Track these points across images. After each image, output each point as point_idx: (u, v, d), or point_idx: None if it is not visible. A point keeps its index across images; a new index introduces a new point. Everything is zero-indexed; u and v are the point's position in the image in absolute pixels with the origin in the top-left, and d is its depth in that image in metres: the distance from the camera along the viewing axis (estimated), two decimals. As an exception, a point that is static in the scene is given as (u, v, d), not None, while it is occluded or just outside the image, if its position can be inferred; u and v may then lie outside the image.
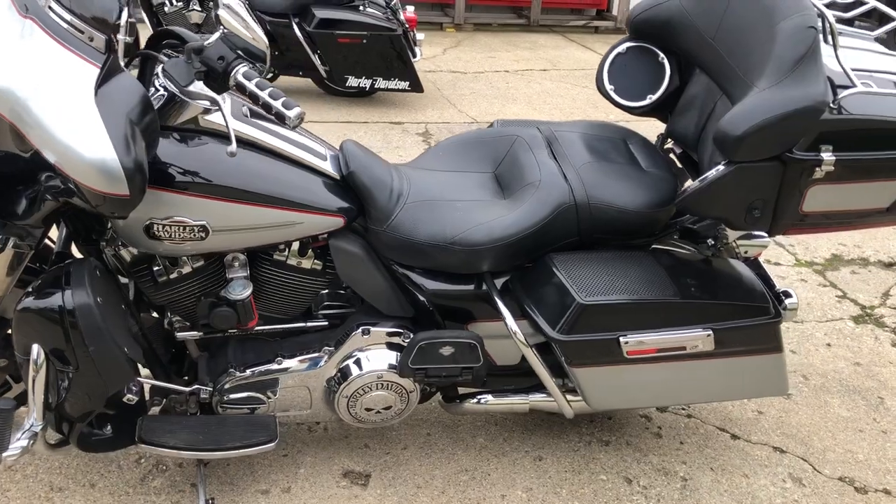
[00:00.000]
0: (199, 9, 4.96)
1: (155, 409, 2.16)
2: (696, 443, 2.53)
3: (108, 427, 2.00)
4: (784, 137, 1.85)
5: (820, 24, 1.93)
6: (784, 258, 3.81)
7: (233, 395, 2.13)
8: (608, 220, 2.08)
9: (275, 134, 1.97)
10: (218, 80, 1.74)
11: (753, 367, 2.19)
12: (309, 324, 2.19)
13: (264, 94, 1.68)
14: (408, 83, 5.32)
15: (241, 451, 2.08)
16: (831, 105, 1.88)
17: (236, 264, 2.00)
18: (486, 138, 2.32)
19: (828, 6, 2.18)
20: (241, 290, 1.98)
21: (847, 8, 2.20)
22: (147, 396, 2.10)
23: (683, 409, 2.66)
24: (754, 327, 2.08)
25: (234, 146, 1.67)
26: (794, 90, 1.84)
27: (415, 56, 5.38)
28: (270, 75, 5.22)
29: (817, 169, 1.89)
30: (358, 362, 2.13)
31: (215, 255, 2.00)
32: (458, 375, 2.14)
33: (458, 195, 2.15)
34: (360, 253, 2.06)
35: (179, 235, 1.84)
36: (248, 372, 2.12)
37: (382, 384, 2.14)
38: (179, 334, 2.09)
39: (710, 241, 2.23)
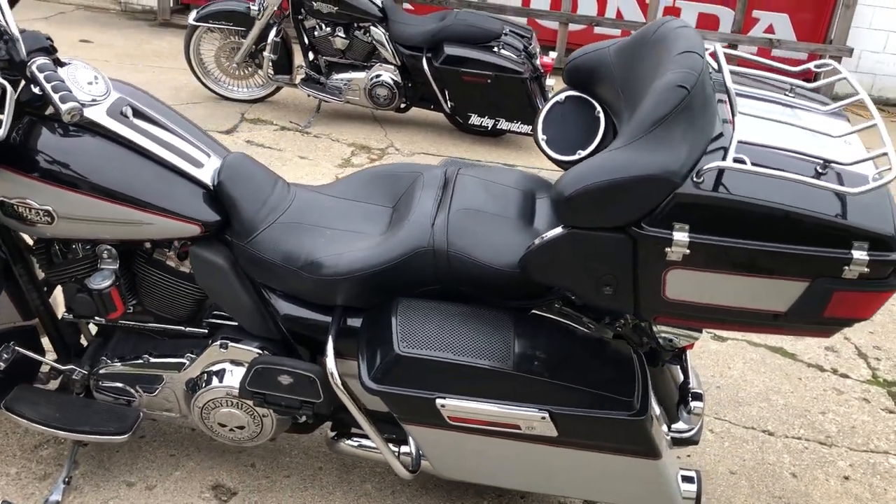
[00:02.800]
0: (344, 36, 5.21)
1: (54, 384, 2.30)
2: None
3: None
4: (622, 206, 1.62)
5: (702, 83, 1.67)
6: (858, 371, 3.27)
7: (106, 383, 2.21)
8: (467, 272, 1.91)
9: (150, 136, 2.02)
10: (17, 68, 1.83)
11: (622, 469, 1.91)
12: (187, 328, 2.21)
13: (48, 87, 1.75)
14: (531, 127, 5.21)
15: (89, 436, 2.14)
16: (695, 178, 1.61)
17: (105, 255, 2.08)
18: (398, 172, 2.23)
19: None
20: (100, 281, 2.05)
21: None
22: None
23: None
24: (605, 421, 1.81)
25: (3, 131, 1.76)
26: (642, 154, 1.61)
27: (547, 100, 5.27)
28: (403, 105, 5.35)
29: (668, 249, 1.63)
30: (213, 375, 2.12)
31: (92, 244, 2.08)
32: (298, 408, 2.06)
33: (336, 223, 2.09)
34: (222, 264, 2.06)
35: (27, 217, 1.95)
36: (118, 363, 2.19)
37: (233, 402, 2.12)
38: (64, 315, 2.20)
39: (607, 319, 2.00)
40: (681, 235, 1.61)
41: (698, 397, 2.00)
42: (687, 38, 1.77)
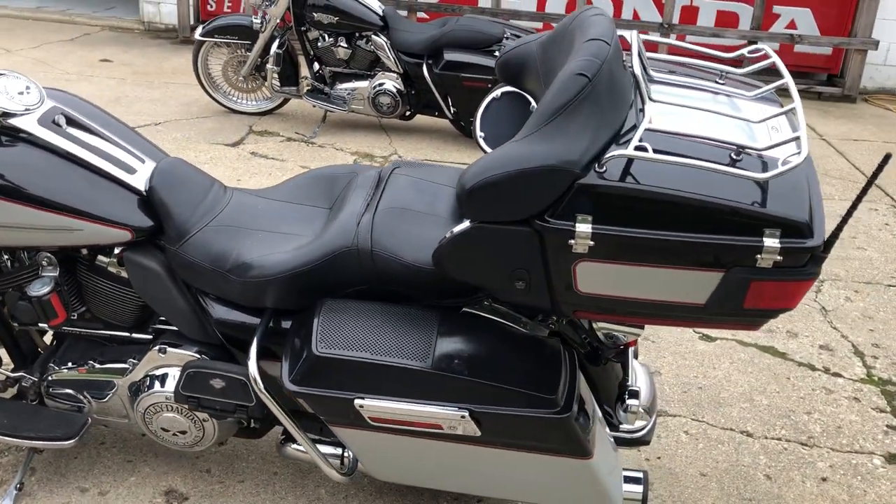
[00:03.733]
0: (346, 45, 5.24)
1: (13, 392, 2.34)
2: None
3: None
4: (523, 199, 1.58)
5: (608, 72, 1.63)
6: (852, 370, 3.15)
7: (56, 390, 2.24)
8: (392, 271, 1.89)
9: (82, 144, 2.05)
10: None
11: (552, 469, 1.86)
12: (133, 335, 2.23)
13: None
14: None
15: (34, 442, 2.17)
16: (598, 169, 1.57)
17: (44, 262, 2.11)
18: (337, 174, 2.22)
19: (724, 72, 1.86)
20: (39, 288, 2.08)
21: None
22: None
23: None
24: (527, 419, 1.76)
25: None
26: (541, 145, 1.57)
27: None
28: (408, 113, 5.36)
29: (572, 242, 1.58)
30: (154, 379, 2.13)
31: (33, 252, 2.11)
32: (232, 412, 2.06)
33: (269, 226, 2.09)
34: (157, 270, 2.07)
35: None
36: (65, 369, 2.22)
37: (173, 407, 2.12)
38: (14, 323, 2.24)
39: (540, 317, 1.96)
40: (584, 227, 1.57)
41: (635, 395, 1.95)
42: (597, 25, 1.73)
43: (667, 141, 1.62)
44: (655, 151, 1.56)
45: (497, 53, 5.05)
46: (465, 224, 1.67)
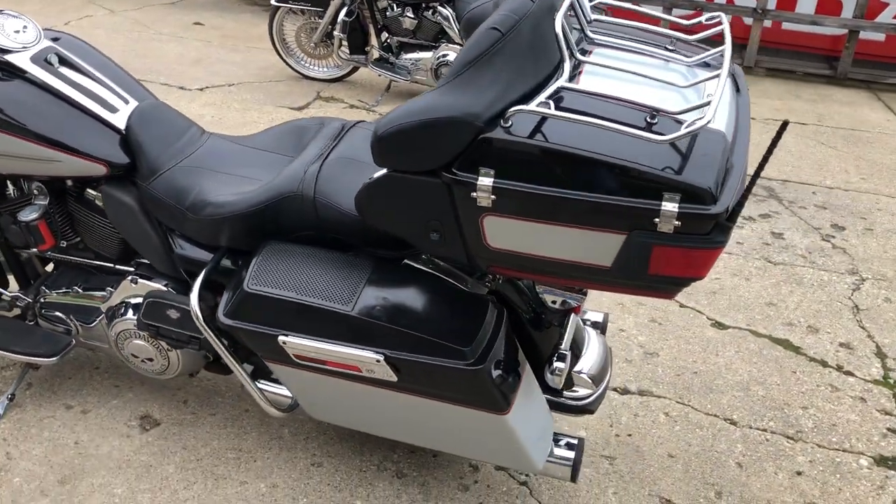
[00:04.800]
0: (412, 16, 5.30)
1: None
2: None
3: None
4: (429, 149, 1.61)
5: (530, 27, 1.64)
6: (867, 370, 3.01)
7: (47, 312, 2.42)
8: (332, 219, 1.95)
9: (70, 83, 2.20)
10: None
11: (468, 421, 1.89)
12: (117, 266, 2.38)
13: None
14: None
15: (20, 356, 2.36)
16: (503, 123, 1.58)
17: (36, 191, 2.28)
18: (309, 125, 2.30)
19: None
20: (28, 214, 2.25)
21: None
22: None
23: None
24: (439, 368, 1.79)
25: None
26: (448, 97, 1.60)
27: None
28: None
29: (474, 195, 1.60)
30: (127, 307, 2.27)
31: (27, 181, 2.29)
32: (186, 342, 2.18)
33: (234, 169, 2.18)
34: (130, 204, 2.20)
35: None
36: (55, 293, 2.39)
37: (140, 334, 2.26)
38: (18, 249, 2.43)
39: (478, 273, 1.98)
40: (485, 180, 1.59)
41: (562, 358, 1.94)
42: None
43: (582, 100, 1.61)
44: (567, 110, 1.56)
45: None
46: (380, 172, 1.71)
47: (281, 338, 1.88)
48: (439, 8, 5.23)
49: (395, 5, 5.35)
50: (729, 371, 2.94)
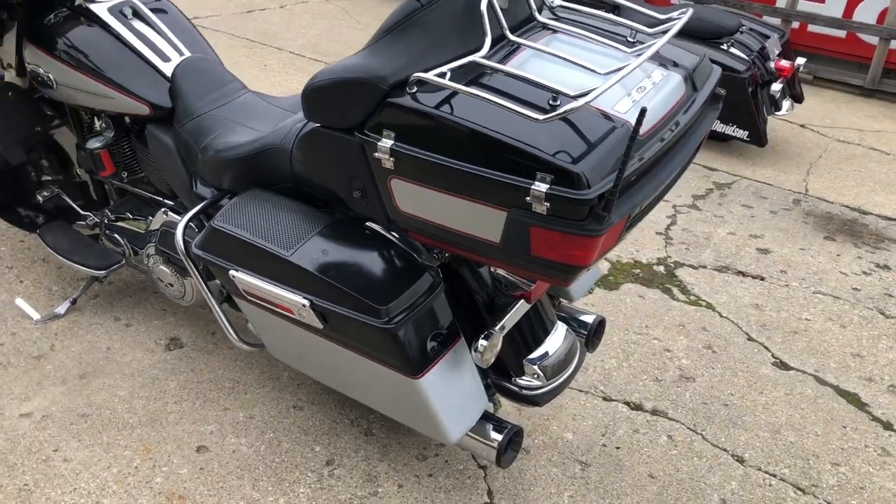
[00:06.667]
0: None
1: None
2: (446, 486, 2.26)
3: (28, 213, 2.84)
4: (344, 108, 1.71)
5: (458, 3, 1.69)
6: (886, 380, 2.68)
7: (108, 233, 2.76)
8: (305, 175, 2.09)
9: (136, 33, 2.50)
10: None
11: (382, 379, 1.96)
12: (165, 200, 2.67)
13: None
14: (747, 133, 4.86)
15: (75, 264, 2.71)
16: (408, 90, 1.65)
17: (103, 125, 2.62)
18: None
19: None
20: (92, 142, 2.60)
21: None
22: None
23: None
24: (356, 322, 1.86)
25: None
26: (364, 59, 1.70)
27: (778, 108, 4.90)
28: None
29: (375, 155, 1.68)
30: (155, 234, 2.55)
31: (97, 114, 2.64)
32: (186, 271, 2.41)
33: (255, 124, 2.37)
34: (168, 143, 2.47)
35: (38, 79, 2.54)
36: (113, 216, 2.73)
37: (162, 260, 2.53)
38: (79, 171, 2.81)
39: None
40: (385, 142, 1.66)
41: (489, 337, 1.95)
42: None
43: (492, 77, 1.63)
44: (472, 84, 1.60)
45: (724, 46, 4.83)
46: (309, 125, 1.83)
47: (231, 272, 2.04)
48: (604, 15, 5.19)
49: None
50: (766, 411, 2.74)
